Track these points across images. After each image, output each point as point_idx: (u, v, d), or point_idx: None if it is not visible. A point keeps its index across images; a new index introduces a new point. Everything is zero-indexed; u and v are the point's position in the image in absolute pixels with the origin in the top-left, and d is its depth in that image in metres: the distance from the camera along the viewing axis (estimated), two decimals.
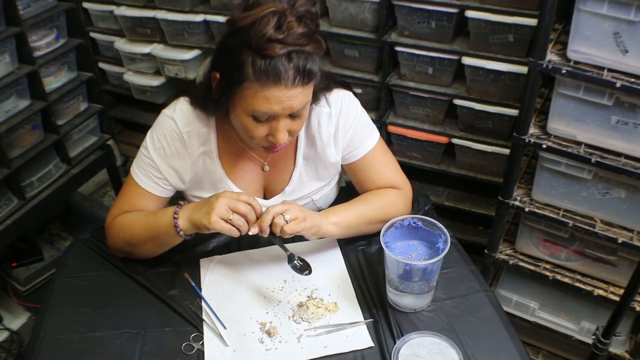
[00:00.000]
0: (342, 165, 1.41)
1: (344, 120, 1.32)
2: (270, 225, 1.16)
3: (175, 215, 1.20)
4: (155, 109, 2.95)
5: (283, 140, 1.15)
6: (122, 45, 2.75)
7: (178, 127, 1.27)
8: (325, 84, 1.27)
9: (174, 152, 1.29)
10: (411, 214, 1.38)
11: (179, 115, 1.28)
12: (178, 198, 1.67)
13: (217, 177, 1.34)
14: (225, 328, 1.17)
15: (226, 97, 1.14)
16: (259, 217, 1.17)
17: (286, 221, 1.15)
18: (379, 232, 1.29)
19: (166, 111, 1.31)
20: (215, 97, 1.17)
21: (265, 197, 1.42)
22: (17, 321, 2.33)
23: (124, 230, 1.30)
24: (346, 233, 1.33)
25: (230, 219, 1.13)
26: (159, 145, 1.29)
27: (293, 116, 1.14)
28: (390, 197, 1.37)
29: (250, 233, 1.15)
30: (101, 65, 2.98)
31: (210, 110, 1.24)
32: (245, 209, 1.14)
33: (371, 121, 1.40)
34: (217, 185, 1.35)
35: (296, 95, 1.09)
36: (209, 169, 1.33)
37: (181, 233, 1.20)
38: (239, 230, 1.14)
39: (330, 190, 1.44)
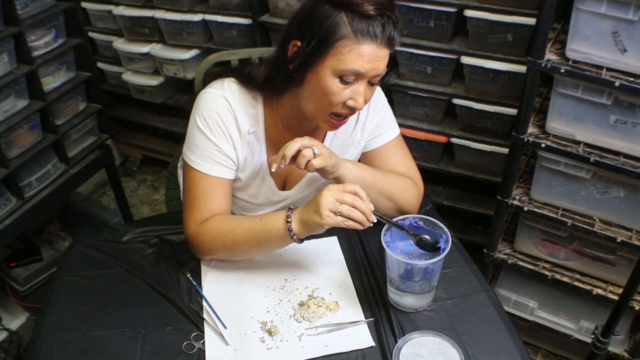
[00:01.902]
0: (361, 154, 1.43)
1: (374, 106, 1.38)
2: (295, 158, 1.17)
3: (289, 220, 1.18)
4: (154, 109, 3.00)
5: (362, 104, 1.19)
6: (121, 44, 2.76)
7: (231, 106, 1.26)
8: None
9: (230, 129, 1.27)
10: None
11: (229, 94, 1.27)
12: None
13: (259, 161, 1.34)
14: (225, 327, 1.17)
15: (308, 62, 1.16)
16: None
17: (315, 154, 1.17)
18: (381, 210, 1.30)
19: (212, 90, 1.28)
20: (290, 67, 1.19)
21: (285, 188, 1.41)
22: (16, 321, 2.32)
23: (223, 237, 1.25)
24: None
25: (339, 211, 1.12)
26: (214, 125, 1.26)
27: (370, 84, 1.19)
28: (407, 183, 1.38)
29: (373, 220, 1.14)
30: (100, 65, 2.98)
31: (276, 85, 1.25)
32: (351, 199, 1.12)
33: (394, 117, 1.45)
34: (255, 172, 1.35)
35: (383, 58, 1.16)
36: (254, 151, 1.32)
37: (295, 237, 1.19)
38: (354, 221, 1.13)
39: None
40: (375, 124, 1.39)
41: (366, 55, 1.12)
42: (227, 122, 1.27)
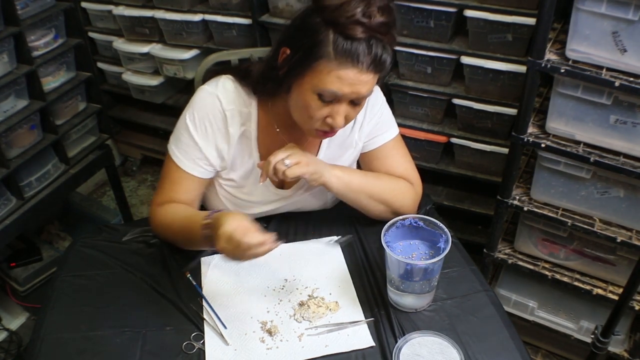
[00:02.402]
0: (360, 155, 1.43)
1: (371, 106, 1.36)
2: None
3: (206, 231, 1.18)
4: (154, 109, 3.00)
5: (340, 124, 1.17)
6: (121, 44, 2.75)
7: (222, 104, 1.27)
8: None
9: (216, 131, 1.28)
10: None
11: (222, 92, 1.27)
12: None
13: (251, 161, 1.34)
14: (225, 327, 1.17)
15: (293, 73, 1.15)
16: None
17: (286, 166, 1.19)
18: (375, 213, 1.35)
19: (207, 88, 1.29)
20: (280, 73, 1.17)
21: (284, 187, 1.41)
22: (15, 321, 2.33)
23: (164, 228, 1.34)
24: (345, 193, 1.33)
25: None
26: (201, 125, 1.28)
27: (354, 103, 1.16)
28: (401, 185, 1.38)
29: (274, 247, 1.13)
30: (100, 65, 2.98)
31: (267, 89, 1.25)
32: (244, 248, 1.09)
33: (393, 117, 1.43)
34: (248, 171, 1.35)
35: (366, 81, 1.12)
36: (245, 150, 1.33)
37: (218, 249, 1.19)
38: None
39: None
40: (373, 125, 1.38)
41: (345, 79, 1.09)
42: (215, 123, 1.28)
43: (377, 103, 1.38)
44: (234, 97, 1.28)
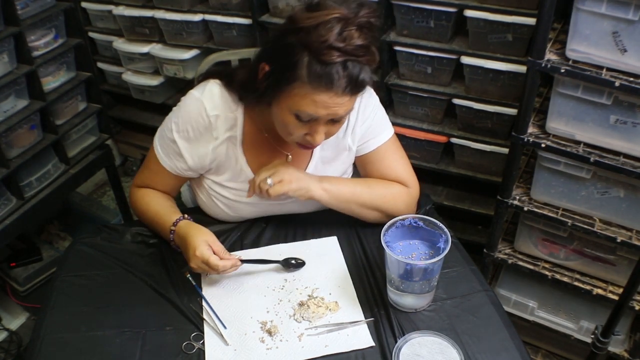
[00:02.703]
0: (355, 158, 1.42)
1: (363, 109, 1.34)
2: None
3: (171, 236, 1.30)
4: (154, 109, 3.00)
5: (319, 141, 1.17)
6: (121, 44, 2.76)
7: (206, 110, 1.26)
8: None
9: (197, 136, 1.29)
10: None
11: (207, 97, 1.27)
12: None
13: (238, 165, 1.34)
14: (225, 328, 1.18)
15: (272, 91, 1.14)
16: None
17: (269, 185, 1.22)
18: (370, 219, 1.36)
19: (194, 92, 1.30)
20: (260, 89, 1.17)
21: None
22: (15, 321, 2.33)
23: (138, 212, 1.43)
24: (335, 205, 1.34)
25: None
26: (184, 128, 1.29)
27: (334, 121, 1.16)
28: (394, 190, 1.37)
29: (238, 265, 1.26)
30: (100, 65, 2.98)
31: (250, 99, 1.25)
32: (210, 267, 1.20)
33: (388, 118, 1.41)
34: (236, 174, 1.35)
35: (343, 103, 1.10)
36: (231, 155, 1.33)
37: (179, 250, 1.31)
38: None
39: None
40: (366, 128, 1.36)
41: (321, 102, 1.08)
42: (198, 128, 1.28)
43: (369, 105, 1.35)
44: (219, 103, 1.28)
